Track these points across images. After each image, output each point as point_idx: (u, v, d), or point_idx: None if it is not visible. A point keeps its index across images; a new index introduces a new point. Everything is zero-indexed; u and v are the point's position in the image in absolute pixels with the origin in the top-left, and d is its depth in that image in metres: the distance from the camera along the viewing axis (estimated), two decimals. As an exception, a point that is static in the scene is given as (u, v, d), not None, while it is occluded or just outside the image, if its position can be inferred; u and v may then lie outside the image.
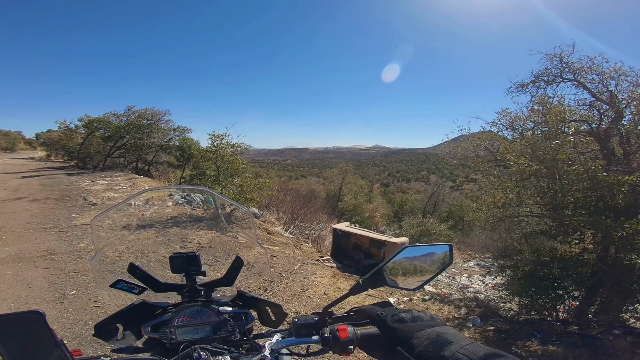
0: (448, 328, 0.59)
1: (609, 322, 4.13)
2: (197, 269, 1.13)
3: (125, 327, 1.03)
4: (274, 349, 0.86)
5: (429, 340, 0.56)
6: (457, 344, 0.53)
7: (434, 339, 0.55)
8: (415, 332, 0.60)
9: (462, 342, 0.53)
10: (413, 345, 0.57)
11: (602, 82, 5.15)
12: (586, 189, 4.23)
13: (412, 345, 0.58)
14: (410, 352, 0.57)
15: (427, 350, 0.54)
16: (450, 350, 0.52)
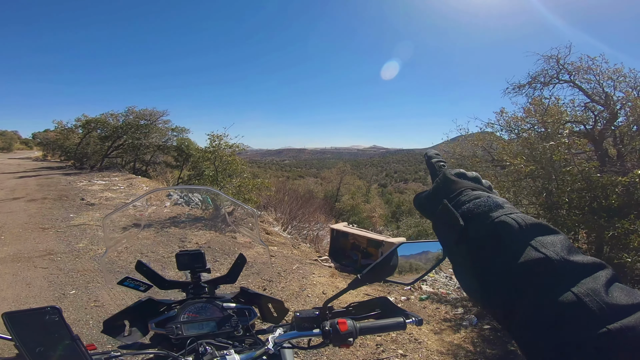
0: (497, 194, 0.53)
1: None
2: (203, 266, 1.17)
3: (132, 324, 1.07)
4: (276, 342, 0.89)
5: (479, 198, 0.50)
6: (508, 208, 0.47)
7: (485, 200, 0.49)
8: (467, 190, 0.54)
9: (512, 208, 0.47)
10: (460, 200, 0.52)
11: (599, 82, 5.22)
12: (580, 190, 4.29)
13: (459, 200, 0.52)
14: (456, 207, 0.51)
15: (475, 208, 0.49)
16: (500, 213, 0.46)
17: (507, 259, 0.42)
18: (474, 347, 3.53)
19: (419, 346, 3.41)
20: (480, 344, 3.63)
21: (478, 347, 3.54)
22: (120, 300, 3.75)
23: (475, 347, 3.54)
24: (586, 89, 5.35)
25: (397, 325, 0.90)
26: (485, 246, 0.45)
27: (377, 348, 3.27)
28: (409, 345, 3.40)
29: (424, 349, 3.37)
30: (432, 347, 3.42)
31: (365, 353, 3.18)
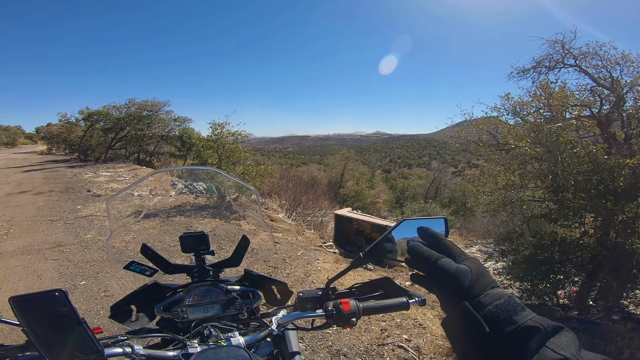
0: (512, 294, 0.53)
1: (608, 308, 4.19)
2: (206, 247, 1.18)
3: (139, 309, 1.09)
4: (280, 324, 0.90)
5: (500, 300, 0.50)
6: (529, 312, 0.49)
7: (506, 301, 0.50)
8: (487, 289, 0.53)
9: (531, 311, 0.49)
10: (481, 302, 0.51)
11: (607, 67, 5.14)
12: (587, 172, 4.24)
13: (480, 302, 0.51)
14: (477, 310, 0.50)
15: (498, 311, 0.49)
16: (524, 316, 0.48)
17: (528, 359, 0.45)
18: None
19: (423, 331, 3.45)
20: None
21: (483, 330, 3.58)
22: (129, 289, 3.82)
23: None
24: (592, 73, 5.27)
25: (401, 305, 0.90)
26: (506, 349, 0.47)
27: (382, 333, 3.31)
28: (413, 330, 3.44)
29: (428, 334, 3.40)
30: (436, 332, 3.46)
31: (370, 338, 3.22)
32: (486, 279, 0.54)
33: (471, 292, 0.53)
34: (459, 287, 0.54)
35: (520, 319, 0.47)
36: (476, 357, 0.50)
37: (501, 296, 0.51)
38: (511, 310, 0.48)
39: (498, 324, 0.48)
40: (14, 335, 2.83)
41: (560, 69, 5.71)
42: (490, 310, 0.49)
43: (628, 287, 4.12)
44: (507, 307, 0.49)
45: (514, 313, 0.48)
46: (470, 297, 0.52)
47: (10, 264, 4.43)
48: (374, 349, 3.07)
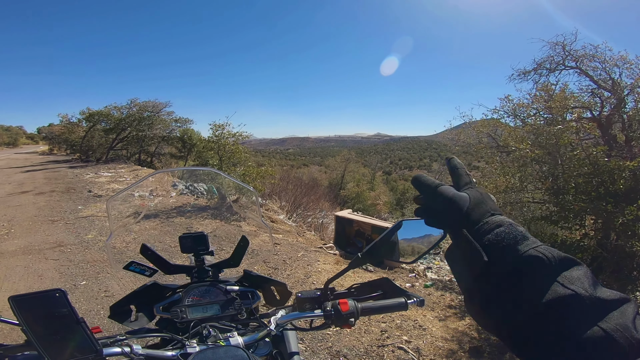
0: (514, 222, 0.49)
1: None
2: (206, 248, 1.19)
3: (138, 309, 1.09)
4: (279, 324, 0.90)
5: (501, 228, 0.46)
6: (532, 241, 0.44)
7: (507, 229, 0.46)
8: (487, 216, 0.49)
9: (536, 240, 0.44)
10: (481, 231, 0.47)
11: (605, 69, 5.15)
12: (587, 174, 4.24)
13: (479, 230, 0.48)
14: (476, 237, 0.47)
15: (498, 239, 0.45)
16: (526, 245, 0.43)
17: (534, 294, 0.41)
18: (479, 334, 3.56)
19: (423, 332, 3.44)
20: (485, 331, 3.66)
21: (483, 334, 3.57)
22: (129, 290, 3.80)
23: (479, 334, 3.56)
24: (592, 75, 5.28)
25: (399, 306, 0.90)
26: (509, 280, 0.43)
27: (382, 334, 3.31)
28: (413, 331, 3.44)
29: (428, 336, 3.40)
30: (436, 334, 3.46)
31: (370, 339, 3.22)
32: (485, 206, 0.51)
33: (469, 219, 0.49)
34: (455, 213, 0.51)
35: (522, 247, 0.43)
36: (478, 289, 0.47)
37: (502, 223, 0.47)
38: (512, 238, 0.45)
39: (498, 253, 0.45)
40: (13, 335, 2.84)
41: (560, 70, 5.72)
42: (490, 239, 0.46)
43: (628, 288, 4.11)
44: (508, 235, 0.45)
45: (515, 242, 0.44)
46: (469, 225, 0.49)
47: (11, 264, 4.44)
48: (374, 350, 3.06)
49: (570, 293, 0.39)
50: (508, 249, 0.44)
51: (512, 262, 0.43)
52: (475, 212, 0.50)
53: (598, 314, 0.37)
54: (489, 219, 0.48)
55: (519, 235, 0.45)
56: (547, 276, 0.41)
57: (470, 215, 0.50)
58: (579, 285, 0.39)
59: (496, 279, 0.44)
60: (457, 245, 0.51)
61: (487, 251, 0.45)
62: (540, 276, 0.41)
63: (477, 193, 0.53)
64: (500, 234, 0.45)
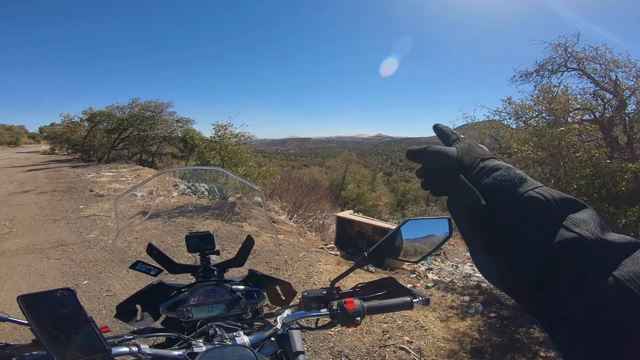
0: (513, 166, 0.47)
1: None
2: (212, 247, 1.19)
3: (143, 309, 1.10)
4: (285, 323, 0.90)
5: (498, 171, 0.45)
6: (532, 183, 0.42)
7: (505, 172, 0.44)
8: (482, 160, 0.48)
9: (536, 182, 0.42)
10: (478, 175, 0.46)
11: (606, 71, 5.16)
12: (589, 176, 4.24)
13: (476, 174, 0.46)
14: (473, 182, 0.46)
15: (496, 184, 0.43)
16: (525, 187, 0.41)
17: (537, 239, 0.38)
18: (480, 335, 3.55)
19: (425, 333, 3.44)
20: (487, 331, 3.66)
21: (484, 334, 3.57)
22: (131, 289, 3.83)
23: (481, 334, 3.56)
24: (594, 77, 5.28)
25: (405, 305, 0.90)
26: (510, 226, 0.41)
27: (384, 335, 3.31)
28: (415, 332, 3.44)
29: (430, 336, 3.40)
30: (438, 334, 3.46)
31: (372, 339, 3.22)
32: (474, 153, 0.50)
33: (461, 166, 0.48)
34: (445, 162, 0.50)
35: (521, 189, 0.41)
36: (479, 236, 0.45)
37: (499, 167, 0.45)
38: (509, 181, 0.43)
39: (496, 196, 0.43)
40: (15, 335, 2.84)
41: (562, 72, 5.73)
42: (488, 183, 0.44)
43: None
44: (506, 178, 0.43)
45: (513, 184, 0.42)
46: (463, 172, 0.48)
47: (13, 263, 4.45)
48: (376, 350, 3.06)
49: (575, 236, 0.36)
50: (506, 191, 0.42)
51: (511, 204, 0.41)
52: (465, 159, 0.49)
53: (607, 260, 0.35)
54: (485, 164, 0.47)
55: (516, 177, 0.43)
56: (547, 218, 0.38)
57: (462, 162, 0.49)
58: (584, 227, 0.36)
59: (496, 224, 0.42)
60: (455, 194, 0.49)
61: (485, 195, 0.43)
62: (540, 218, 0.39)
63: (464, 144, 0.52)
64: (497, 177, 0.44)
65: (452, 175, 0.49)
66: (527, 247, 0.39)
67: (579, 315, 0.35)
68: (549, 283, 0.37)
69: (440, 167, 0.52)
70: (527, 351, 3.32)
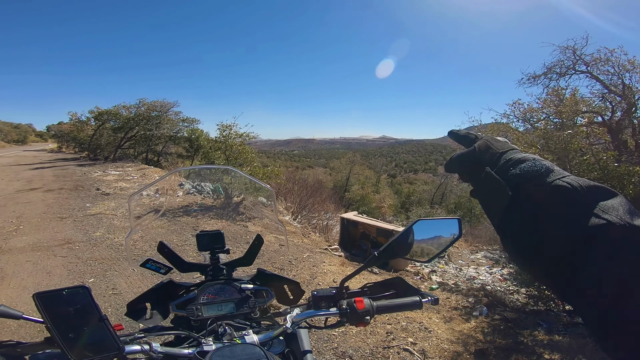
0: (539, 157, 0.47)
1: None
2: (222, 246, 1.20)
3: (153, 307, 1.10)
4: (294, 322, 0.91)
5: (524, 162, 0.45)
6: (558, 172, 0.42)
7: (532, 163, 0.45)
8: (507, 153, 0.49)
9: (563, 171, 0.43)
10: (504, 166, 0.47)
11: (618, 74, 5.11)
12: (597, 179, 4.21)
13: (503, 166, 0.47)
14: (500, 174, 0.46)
15: (524, 174, 0.44)
16: (552, 176, 0.42)
17: (567, 226, 0.38)
18: (484, 337, 3.54)
19: (429, 335, 3.43)
20: (491, 333, 3.64)
21: (488, 336, 3.55)
22: (136, 288, 3.85)
23: (485, 336, 3.55)
24: (603, 79, 5.24)
25: (414, 304, 0.90)
26: (540, 214, 0.41)
27: (388, 336, 3.31)
28: (419, 333, 3.43)
29: (434, 338, 3.39)
30: (442, 336, 3.44)
31: (376, 340, 3.22)
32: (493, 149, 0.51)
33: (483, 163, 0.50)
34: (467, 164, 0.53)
35: (549, 179, 0.42)
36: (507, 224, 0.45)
37: (526, 159, 0.46)
38: (536, 171, 0.43)
39: (523, 186, 0.44)
40: (21, 332, 2.87)
41: (571, 75, 5.69)
42: (514, 174, 0.45)
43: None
44: (532, 168, 0.44)
45: (539, 174, 0.43)
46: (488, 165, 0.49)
47: (20, 260, 4.49)
48: (380, 351, 3.06)
49: (604, 222, 0.36)
50: (533, 181, 0.43)
51: (538, 193, 0.42)
52: (485, 155, 0.51)
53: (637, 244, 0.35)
54: (511, 156, 0.48)
55: (543, 167, 0.44)
56: (576, 206, 0.39)
57: (483, 158, 0.51)
58: (613, 214, 0.36)
59: (523, 213, 0.43)
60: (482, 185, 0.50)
61: (512, 186, 0.44)
62: (568, 206, 0.39)
63: (482, 142, 0.54)
64: (524, 168, 0.45)
65: (479, 171, 0.50)
66: (555, 235, 0.39)
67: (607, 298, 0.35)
68: (578, 270, 0.37)
69: (465, 169, 0.55)
70: (531, 353, 3.30)
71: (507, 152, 0.50)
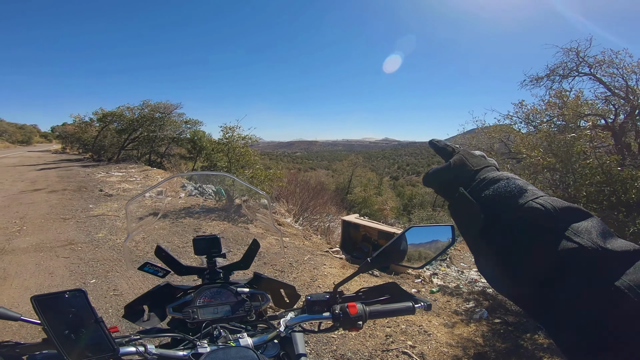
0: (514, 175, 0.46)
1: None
2: (218, 250, 1.21)
3: (150, 309, 1.12)
4: (288, 326, 0.92)
5: (498, 182, 0.44)
6: (532, 193, 0.41)
7: (505, 184, 0.43)
8: (482, 171, 0.48)
9: (537, 191, 0.41)
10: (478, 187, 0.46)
11: (623, 76, 5.10)
12: (600, 183, 4.19)
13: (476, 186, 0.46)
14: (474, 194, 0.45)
15: (496, 196, 0.43)
16: (525, 197, 0.40)
17: (539, 249, 0.38)
18: (484, 341, 3.52)
19: (428, 338, 3.42)
20: (491, 337, 3.63)
21: (488, 340, 3.53)
22: (137, 289, 3.87)
23: (485, 340, 3.53)
24: (607, 82, 5.22)
25: (406, 310, 0.91)
26: (512, 236, 0.40)
27: (387, 339, 3.30)
28: (418, 337, 3.42)
29: (433, 341, 3.38)
30: (441, 340, 3.43)
31: (375, 343, 3.21)
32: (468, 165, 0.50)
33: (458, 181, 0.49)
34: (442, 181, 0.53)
35: (521, 200, 0.40)
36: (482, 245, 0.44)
37: (500, 178, 0.45)
38: (509, 192, 0.42)
39: (496, 208, 0.42)
40: (22, 332, 2.89)
41: (574, 77, 5.68)
42: (487, 195, 0.43)
43: None
44: (506, 189, 0.42)
45: (512, 195, 0.41)
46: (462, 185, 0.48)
47: (22, 261, 4.53)
48: (378, 354, 3.06)
49: (574, 247, 0.35)
50: (507, 203, 0.41)
51: (511, 217, 0.40)
52: (461, 173, 0.50)
53: (609, 269, 0.34)
54: (484, 175, 0.47)
55: (516, 188, 0.42)
56: (548, 228, 0.37)
57: (458, 176, 0.50)
58: (585, 237, 0.35)
59: (497, 236, 0.42)
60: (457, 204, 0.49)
61: (486, 207, 0.43)
62: (541, 229, 0.38)
63: (458, 157, 0.52)
64: (498, 189, 0.43)
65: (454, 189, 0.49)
66: (528, 258, 0.38)
67: (581, 325, 0.34)
68: (552, 293, 0.37)
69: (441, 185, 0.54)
70: (531, 357, 3.29)
71: (482, 171, 0.48)
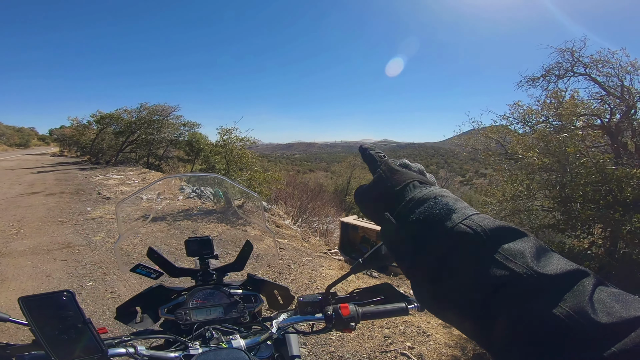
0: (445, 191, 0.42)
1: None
2: (210, 252, 1.21)
3: (143, 311, 1.11)
4: (280, 327, 0.92)
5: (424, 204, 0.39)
6: (461, 213, 0.37)
7: (432, 205, 0.39)
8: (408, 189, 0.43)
9: (466, 210, 0.37)
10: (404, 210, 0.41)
11: (618, 75, 5.12)
12: (595, 183, 4.21)
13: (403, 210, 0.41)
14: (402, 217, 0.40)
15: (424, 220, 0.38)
16: (453, 220, 0.36)
17: (470, 276, 0.34)
18: (483, 341, 3.52)
19: (427, 339, 3.42)
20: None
21: (487, 341, 3.53)
22: (135, 291, 3.84)
23: (484, 340, 3.53)
24: (602, 82, 5.25)
25: (400, 310, 0.91)
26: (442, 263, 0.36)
27: (385, 340, 3.29)
28: (417, 337, 3.42)
29: (432, 342, 3.37)
30: (440, 340, 3.43)
31: (373, 345, 3.21)
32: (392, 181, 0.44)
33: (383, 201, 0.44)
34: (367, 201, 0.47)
35: (449, 223, 0.36)
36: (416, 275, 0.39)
37: (425, 199, 0.40)
38: (436, 215, 0.37)
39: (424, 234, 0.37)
40: (19, 335, 2.88)
41: (569, 77, 5.71)
42: (414, 219, 0.39)
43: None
44: (432, 212, 0.38)
45: (439, 218, 0.37)
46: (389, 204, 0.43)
47: (20, 264, 4.51)
48: (377, 355, 3.05)
49: (506, 274, 0.32)
50: (434, 227, 0.37)
51: (438, 242, 0.36)
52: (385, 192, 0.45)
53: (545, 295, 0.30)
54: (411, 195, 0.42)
55: (443, 209, 0.38)
56: (482, 253, 0.34)
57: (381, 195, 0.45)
58: (519, 261, 0.32)
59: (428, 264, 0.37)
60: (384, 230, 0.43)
61: (413, 232, 0.39)
62: (471, 254, 0.34)
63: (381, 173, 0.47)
64: (424, 212, 0.39)
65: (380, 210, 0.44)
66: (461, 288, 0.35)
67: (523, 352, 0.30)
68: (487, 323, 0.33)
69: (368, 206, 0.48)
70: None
71: (408, 188, 0.43)
